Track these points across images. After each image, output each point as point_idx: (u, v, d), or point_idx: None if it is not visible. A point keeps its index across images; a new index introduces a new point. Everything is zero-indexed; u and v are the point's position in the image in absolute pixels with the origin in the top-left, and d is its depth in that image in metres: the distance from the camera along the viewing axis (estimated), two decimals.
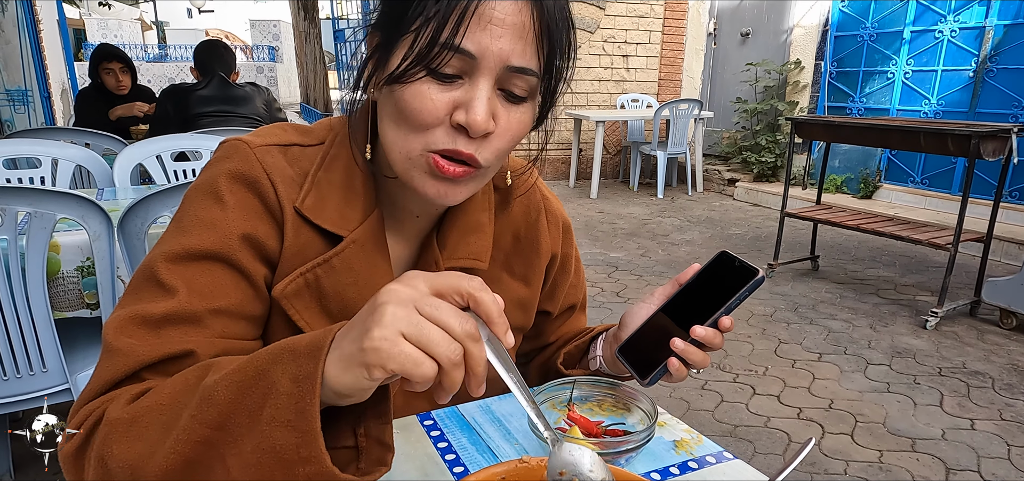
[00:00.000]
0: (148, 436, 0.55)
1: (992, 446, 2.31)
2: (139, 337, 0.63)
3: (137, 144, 2.45)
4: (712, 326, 0.72)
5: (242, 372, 0.53)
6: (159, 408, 0.56)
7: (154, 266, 0.67)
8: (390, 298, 0.49)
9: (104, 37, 16.94)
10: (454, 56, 0.62)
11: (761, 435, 2.37)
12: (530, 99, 0.68)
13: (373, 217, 0.75)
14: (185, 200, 0.72)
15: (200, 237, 0.68)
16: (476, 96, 0.63)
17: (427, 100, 0.64)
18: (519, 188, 0.87)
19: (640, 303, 0.82)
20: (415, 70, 0.63)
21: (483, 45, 0.62)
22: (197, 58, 3.34)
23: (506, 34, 0.62)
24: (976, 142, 3.07)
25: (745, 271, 0.73)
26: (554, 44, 0.66)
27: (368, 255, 0.74)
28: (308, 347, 0.51)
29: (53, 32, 6.07)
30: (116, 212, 1.53)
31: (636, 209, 6.11)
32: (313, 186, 0.73)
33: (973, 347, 3.12)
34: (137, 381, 0.62)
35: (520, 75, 0.65)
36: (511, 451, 0.74)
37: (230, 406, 0.52)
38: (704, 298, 0.75)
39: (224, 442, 0.52)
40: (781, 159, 6.55)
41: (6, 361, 1.55)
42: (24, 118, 4.34)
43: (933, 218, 4.87)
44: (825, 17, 6.32)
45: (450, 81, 0.64)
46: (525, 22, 0.63)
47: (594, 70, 7.35)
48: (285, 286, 0.72)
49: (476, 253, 0.80)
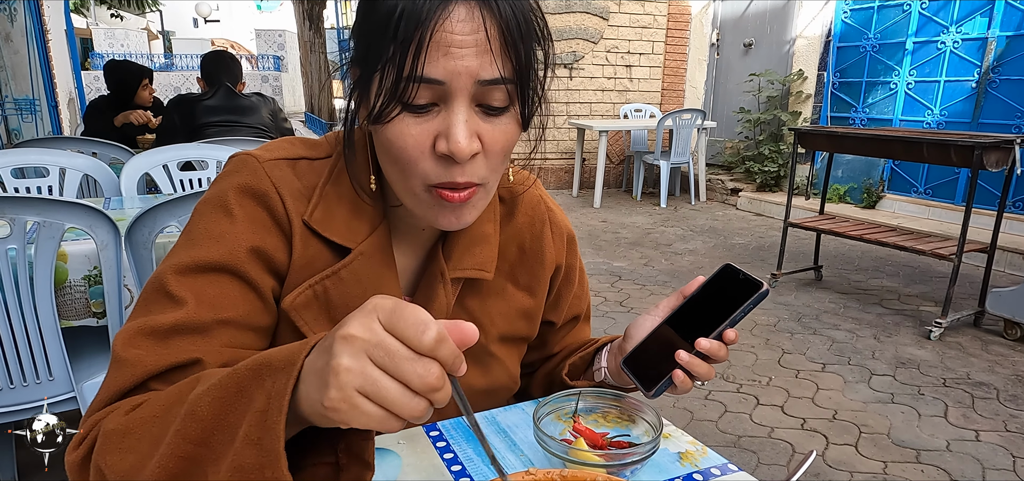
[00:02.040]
0: (140, 448, 0.55)
1: (997, 457, 2.30)
2: (147, 348, 0.64)
3: (144, 154, 2.46)
4: (717, 338, 0.73)
5: (224, 387, 0.52)
6: (151, 420, 0.56)
7: (164, 278, 0.68)
8: (343, 349, 0.46)
9: (111, 47, 17.04)
10: (422, 86, 0.62)
11: (765, 446, 2.37)
12: (511, 106, 0.67)
13: (380, 230, 0.76)
14: (195, 213, 0.73)
15: (209, 249, 0.69)
16: (453, 121, 0.63)
17: (408, 137, 0.64)
18: (522, 196, 0.88)
19: (645, 315, 0.82)
20: (390, 108, 0.63)
21: (448, 69, 0.61)
22: (204, 68, 3.36)
23: (468, 52, 0.62)
24: (979, 153, 3.07)
25: (749, 284, 0.74)
26: (520, 44, 0.65)
27: (375, 267, 0.75)
28: (282, 362, 0.50)
29: (61, 42, 6.11)
30: (123, 221, 1.54)
31: (639, 219, 6.12)
32: (321, 199, 0.74)
33: (977, 358, 3.12)
34: (144, 391, 0.63)
35: (493, 87, 0.64)
36: (516, 462, 0.74)
37: (213, 422, 0.52)
38: (708, 310, 0.75)
39: (207, 459, 0.51)
40: (784, 169, 6.55)
41: (13, 369, 1.56)
42: (32, 127, 4.36)
43: (936, 228, 4.86)
44: (828, 28, 6.33)
45: (426, 111, 0.64)
46: (484, 36, 0.62)
47: (597, 80, 7.37)
48: (294, 298, 0.72)
49: (481, 263, 0.81)
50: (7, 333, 1.52)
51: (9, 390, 1.57)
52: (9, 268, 1.47)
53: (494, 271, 0.82)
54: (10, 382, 1.56)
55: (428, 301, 0.79)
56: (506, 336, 0.87)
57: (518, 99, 0.67)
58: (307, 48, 9.84)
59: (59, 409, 1.65)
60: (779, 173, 6.60)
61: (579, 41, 7.12)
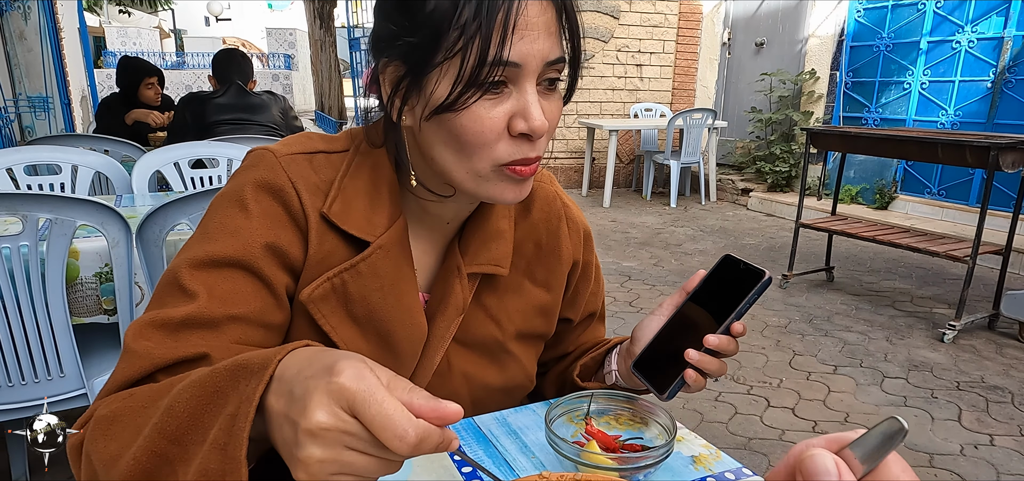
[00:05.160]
0: (122, 437, 0.55)
1: (1012, 462, 2.27)
2: (156, 340, 0.64)
3: (155, 151, 2.48)
4: (724, 332, 0.72)
5: (202, 386, 0.52)
6: (138, 410, 0.57)
7: (178, 272, 0.68)
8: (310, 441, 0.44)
9: (124, 45, 17.15)
10: (503, 70, 0.64)
11: (776, 448, 2.35)
12: (560, 82, 0.71)
13: (399, 223, 0.76)
14: (211, 207, 0.74)
15: (223, 244, 0.69)
16: (529, 101, 0.66)
17: (485, 120, 0.65)
18: (537, 192, 0.88)
19: (650, 316, 0.82)
20: (469, 93, 0.64)
21: (524, 52, 0.64)
22: (215, 66, 3.38)
23: (541, 35, 0.65)
24: (995, 154, 3.03)
25: (751, 273, 0.72)
26: (574, 26, 0.69)
27: (393, 260, 0.75)
28: (257, 365, 0.50)
29: (74, 40, 6.16)
30: (134, 219, 1.54)
31: (649, 218, 6.09)
32: (339, 192, 0.74)
33: (992, 361, 3.08)
34: (152, 383, 0.63)
35: (555, 66, 0.68)
36: (527, 464, 0.73)
37: (188, 421, 0.51)
38: (713, 304, 0.74)
39: (179, 458, 0.51)
40: (796, 169, 6.51)
41: (25, 365, 1.56)
42: (45, 124, 4.39)
43: (950, 230, 4.81)
44: (841, 27, 6.28)
45: (499, 93, 0.66)
46: (551, 18, 0.66)
47: (608, 79, 7.35)
48: (312, 291, 0.73)
49: (497, 259, 0.81)
50: (19, 329, 1.53)
51: (21, 386, 1.58)
52: (21, 264, 1.48)
53: (510, 267, 0.82)
54: (22, 378, 1.57)
55: (445, 295, 0.79)
56: (523, 333, 0.87)
57: (568, 76, 0.72)
58: (318, 47, 9.87)
59: (70, 406, 1.66)
60: (790, 173, 6.56)
61: (589, 40, 7.10)
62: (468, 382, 0.83)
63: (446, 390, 0.82)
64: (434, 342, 0.80)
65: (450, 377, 0.82)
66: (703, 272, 0.78)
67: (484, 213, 0.81)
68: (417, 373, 0.80)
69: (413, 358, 0.79)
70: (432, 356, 0.80)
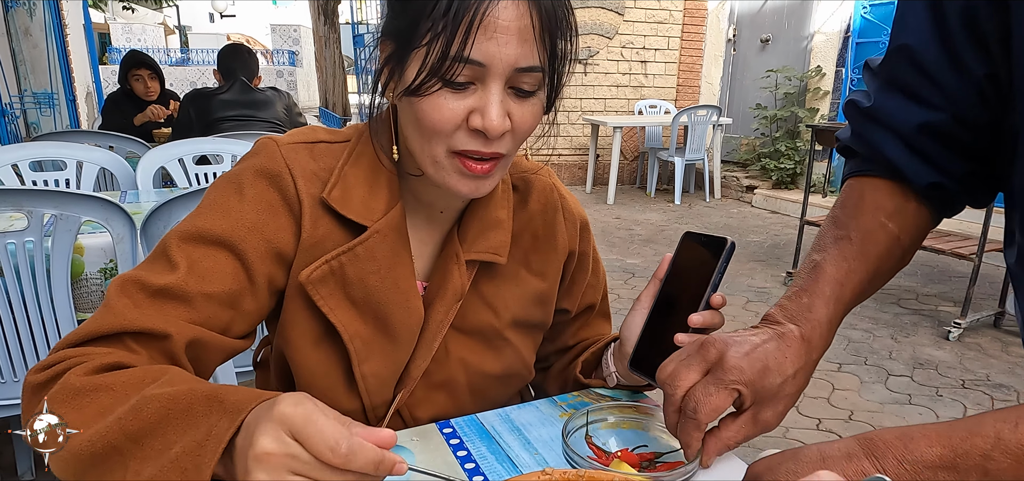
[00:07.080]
0: (86, 412, 0.57)
1: None
2: (132, 302, 0.67)
3: (160, 147, 2.48)
4: (706, 308, 0.74)
5: (175, 400, 0.55)
6: (106, 390, 0.59)
7: (169, 240, 0.72)
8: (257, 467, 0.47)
9: (128, 41, 17.21)
10: (465, 66, 0.65)
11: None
12: (539, 90, 0.71)
13: (396, 210, 0.78)
14: (212, 186, 0.77)
15: (213, 221, 0.72)
16: (489, 101, 0.67)
17: (445, 109, 0.67)
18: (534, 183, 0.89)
19: (631, 312, 0.84)
20: (430, 83, 0.66)
21: (491, 53, 0.65)
22: (220, 62, 3.38)
23: (512, 40, 0.65)
24: None
25: (715, 243, 0.75)
26: (556, 37, 0.70)
27: (391, 245, 0.77)
28: (233, 406, 0.52)
29: (79, 36, 6.18)
30: (139, 215, 1.55)
31: (653, 215, 6.08)
32: (339, 179, 0.77)
33: (997, 359, 3.07)
34: (118, 343, 0.66)
35: (528, 73, 0.68)
36: (530, 460, 0.73)
37: (153, 427, 0.54)
38: (688, 283, 0.76)
39: (134, 457, 0.53)
40: (800, 166, 6.48)
41: (30, 360, 1.57)
42: (50, 121, 4.42)
43: (956, 227, 4.79)
44: (847, 23, 6.25)
45: (463, 88, 0.67)
46: (527, 24, 0.66)
47: (612, 76, 7.33)
48: (310, 272, 0.75)
49: (495, 247, 0.82)
50: (24, 325, 1.53)
51: None
52: (27, 260, 1.48)
53: (507, 256, 0.84)
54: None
55: (443, 282, 0.81)
56: (520, 321, 0.88)
57: (546, 85, 0.72)
58: (322, 43, 9.88)
59: None
60: (795, 170, 6.54)
61: (594, 36, 7.08)
62: (465, 368, 0.84)
63: (444, 375, 0.84)
64: (432, 327, 0.81)
65: (448, 363, 0.84)
66: (669, 255, 0.80)
67: (483, 203, 0.83)
68: (416, 357, 0.82)
69: (410, 342, 0.81)
70: (430, 341, 0.81)
